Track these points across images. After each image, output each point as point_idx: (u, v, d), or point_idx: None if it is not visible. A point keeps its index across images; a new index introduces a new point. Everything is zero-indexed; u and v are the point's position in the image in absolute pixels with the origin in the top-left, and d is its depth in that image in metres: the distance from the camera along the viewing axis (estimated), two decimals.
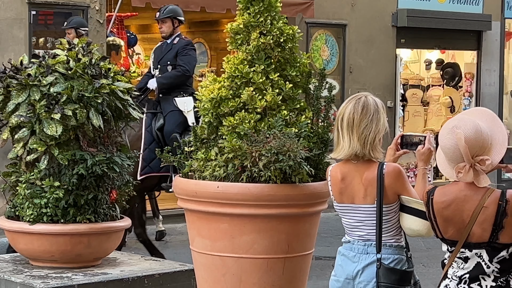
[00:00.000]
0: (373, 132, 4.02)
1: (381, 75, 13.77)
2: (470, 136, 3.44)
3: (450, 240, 3.58)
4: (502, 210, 3.43)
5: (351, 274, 4.08)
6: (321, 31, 13.19)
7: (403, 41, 14.15)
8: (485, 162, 3.45)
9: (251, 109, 5.06)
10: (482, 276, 3.52)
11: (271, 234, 4.97)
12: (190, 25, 15.38)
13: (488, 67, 15.06)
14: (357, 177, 4.07)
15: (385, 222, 4.06)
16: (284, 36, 5.16)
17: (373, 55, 13.67)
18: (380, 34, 13.76)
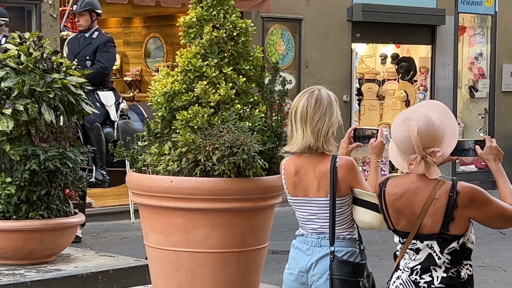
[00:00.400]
0: (326, 125, 4.03)
1: (336, 70, 13.80)
2: (422, 127, 3.47)
3: (402, 232, 3.60)
4: (452, 201, 3.46)
5: (304, 267, 4.09)
6: (277, 26, 13.18)
7: (358, 35, 14.19)
8: (436, 154, 3.48)
9: (205, 103, 5.04)
10: (433, 267, 3.55)
11: (225, 228, 4.97)
12: (145, 19, 15.34)
13: (442, 61, 15.17)
14: (310, 170, 4.08)
15: (338, 215, 4.06)
16: (237, 30, 5.15)
17: (328, 50, 13.70)
18: (335, 29, 13.79)
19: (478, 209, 3.49)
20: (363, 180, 4.10)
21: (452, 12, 15.06)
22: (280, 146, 5.12)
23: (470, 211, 3.48)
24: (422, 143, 3.46)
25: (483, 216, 3.51)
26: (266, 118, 5.20)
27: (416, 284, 3.58)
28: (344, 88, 13.89)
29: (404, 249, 3.61)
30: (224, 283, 5.04)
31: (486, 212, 3.50)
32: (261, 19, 12.82)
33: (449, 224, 3.48)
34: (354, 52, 14.19)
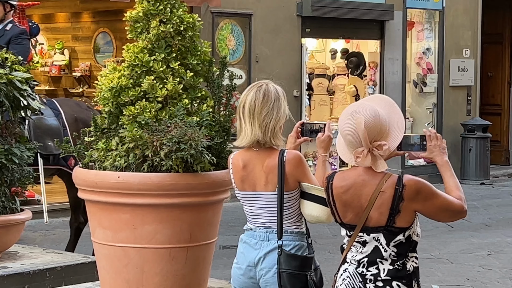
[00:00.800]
0: (274, 120, 4.04)
1: (287, 65, 13.83)
2: (369, 120, 3.49)
3: (349, 225, 3.62)
4: (398, 194, 3.49)
5: (253, 261, 4.09)
6: (226, 21, 13.16)
7: (308, 30, 14.23)
8: (383, 147, 3.51)
9: (152, 98, 5.01)
10: (380, 260, 3.57)
11: (174, 223, 4.94)
12: (94, 14, 15.21)
13: (391, 56, 15.30)
14: (258, 164, 4.08)
15: (286, 209, 4.07)
16: (184, 25, 5.11)
17: (278, 45, 13.72)
18: (285, 24, 13.81)
19: (423, 202, 3.52)
20: (310, 174, 4.11)
21: (401, 7, 15.19)
22: (229, 141, 5.11)
23: (415, 204, 3.51)
24: (369, 136, 3.49)
25: (428, 209, 3.54)
26: (214, 113, 5.18)
27: (362, 276, 3.61)
28: (294, 83, 13.93)
29: (351, 242, 3.63)
30: (173, 278, 5.02)
31: (431, 205, 3.53)
32: (211, 14, 12.80)
33: (395, 216, 3.50)
34: (304, 47, 14.23)
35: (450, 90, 16.10)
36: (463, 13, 16.24)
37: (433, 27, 16.12)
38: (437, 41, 16.04)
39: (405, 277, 3.57)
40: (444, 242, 10.13)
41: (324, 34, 15.27)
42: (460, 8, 16.17)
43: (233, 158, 4.18)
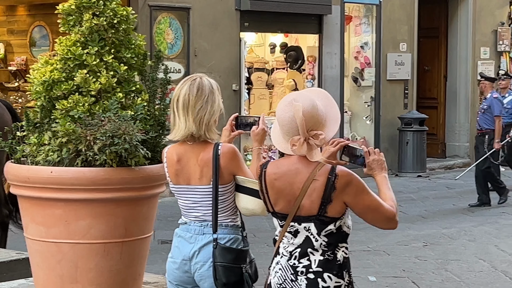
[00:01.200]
0: (208, 113, 4.03)
1: (226, 59, 13.82)
2: (308, 109, 3.53)
3: (281, 214, 3.64)
4: (331, 183, 3.51)
5: (187, 255, 4.09)
6: (164, 14, 13.09)
7: (247, 24, 14.22)
8: (319, 136, 3.54)
9: (85, 92, 4.95)
10: (311, 251, 3.59)
11: (108, 218, 4.90)
12: (30, 8, 14.97)
13: (329, 50, 15.38)
14: (193, 158, 4.07)
15: (221, 203, 4.07)
16: (118, 18, 5.05)
17: (217, 39, 13.70)
18: (224, 18, 13.80)
19: (354, 195, 3.54)
20: (245, 167, 4.11)
21: (338, 1, 15.28)
22: (164, 135, 5.08)
23: (346, 196, 3.54)
24: (306, 124, 3.51)
25: (358, 204, 3.57)
26: (148, 106, 5.15)
27: (294, 269, 3.63)
28: (233, 77, 13.92)
29: (282, 232, 3.65)
30: (108, 274, 4.97)
31: (361, 200, 3.56)
32: (149, 7, 12.73)
33: (327, 206, 3.53)
34: (243, 41, 14.23)
35: (387, 84, 16.27)
36: (399, 8, 16.42)
37: (370, 22, 16.26)
38: (375, 35, 16.18)
39: (335, 267, 3.60)
40: (381, 234, 10.22)
41: (262, 28, 15.29)
42: (396, 3, 16.35)
43: (167, 152, 4.17)
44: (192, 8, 13.35)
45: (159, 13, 12.99)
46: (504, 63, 18.53)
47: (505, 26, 18.55)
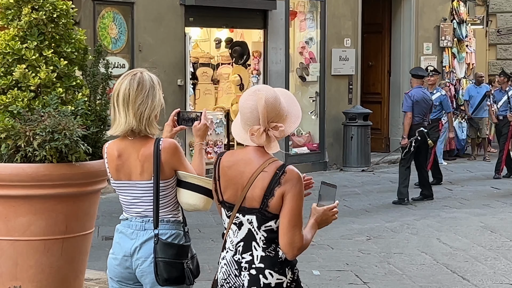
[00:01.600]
0: (149, 108, 4.01)
1: (170, 54, 13.75)
2: (270, 99, 3.54)
3: (228, 204, 3.63)
4: (277, 178, 3.50)
5: (129, 251, 4.06)
6: (108, 9, 12.97)
7: (191, 19, 14.17)
8: (279, 128, 3.55)
9: (25, 87, 4.92)
10: (253, 245, 3.59)
11: (48, 215, 4.87)
12: None
13: (275, 46, 15.40)
14: (133, 153, 4.04)
15: (162, 198, 4.05)
16: (58, 12, 5.03)
17: (162, 34, 13.62)
18: (168, 13, 13.72)
19: (289, 195, 3.51)
20: (187, 162, 4.10)
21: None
22: (105, 130, 5.05)
23: (286, 194, 3.52)
24: (268, 114, 3.52)
25: (286, 205, 3.52)
26: (89, 102, 5.12)
27: (238, 264, 3.62)
28: (179, 72, 13.86)
29: (229, 224, 3.65)
30: (48, 270, 4.95)
31: (290, 204, 3.51)
32: (92, 1, 12.60)
33: (269, 199, 3.51)
34: (188, 36, 14.17)
35: (332, 79, 16.35)
36: (344, 3, 16.51)
37: (315, 17, 16.32)
38: (319, 31, 16.25)
39: (277, 264, 3.58)
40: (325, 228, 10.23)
41: (208, 23, 15.24)
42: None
43: (108, 147, 4.13)
44: (136, 2, 13.26)
45: (102, 7, 12.87)
46: (446, 58, 18.78)
47: (447, 22, 18.77)
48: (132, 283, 4.11)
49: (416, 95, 12.59)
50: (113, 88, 4.08)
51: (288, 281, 3.59)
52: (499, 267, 8.35)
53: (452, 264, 8.45)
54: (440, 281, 7.79)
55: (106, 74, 5.21)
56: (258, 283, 3.57)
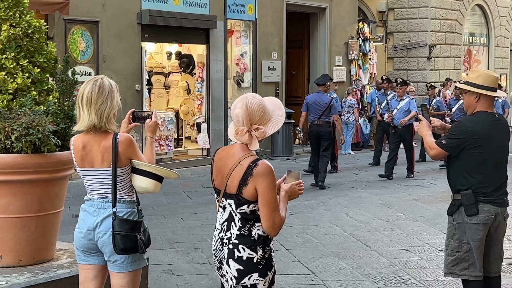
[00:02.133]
0: (108, 108, 3.97)
1: (129, 64, 13.61)
2: (254, 105, 3.54)
3: (217, 189, 3.64)
4: (250, 170, 3.50)
5: (91, 226, 4.02)
6: (77, 27, 12.77)
7: (147, 36, 14.05)
8: (259, 130, 3.55)
9: (4, 91, 4.83)
10: (233, 225, 3.58)
11: (25, 196, 4.78)
12: None
13: (215, 58, 15.36)
14: (95, 145, 4.00)
15: (119, 182, 4.01)
16: (32, 28, 4.94)
17: (122, 47, 13.47)
18: (127, 30, 13.58)
19: (263, 186, 3.48)
20: (140, 153, 4.07)
21: (222, 18, 15.27)
22: (72, 126, 4.98)
23: (258, 184, 3.49)
24: (250, 117, 3.51)
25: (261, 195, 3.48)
26: (59, 103, 5.04)
27: (221, 240, 3.62)
28: (136, 79, 13.74)
29: (218, 207, 3.65)
30: (25, 243, 4.87)
31: (265, 195, 3.48)
32: (64, 21, 12.41)
33: (243, 187, 3.50)
34: (144, 49, 14.05)
35: (262, 85, 16.38)
36: (271, 24, 16.55)
37: (248, 35, 16.32)
38: (252, 46, 16.25)
39: (249, 242, 3.54)
40: None
41: (160, 39, 15.13)
42: (269, 19, 16.47)
43: (74, 140, 4.08)
44: (100, 21, 13.09)
45: (72, 25, 12.67)
46: (353, 69, 18.98)
47: (354, 39, 18.96)
48: (95, 252, 4.07)
49: (310, 99, 12.48)
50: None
51: (258, 258, 3.54)
52: (394, 236, 8.48)
53: (357, 234, 8.55)
54: (348, 248, 7.87)
55: (73, 80, 5.13)
56: (233, 255, 3.55)
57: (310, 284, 6.43)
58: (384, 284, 6.43)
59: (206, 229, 8.68)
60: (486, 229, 4.94)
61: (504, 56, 24.98)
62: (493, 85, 4.98)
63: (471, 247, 4.94)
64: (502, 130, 5.02)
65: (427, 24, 21.16)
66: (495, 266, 5.08)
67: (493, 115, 5.00)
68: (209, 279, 6.52)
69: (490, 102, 4.99)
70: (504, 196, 5.00)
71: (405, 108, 13.61)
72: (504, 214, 5.02)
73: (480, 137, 4.85)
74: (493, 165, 4.91)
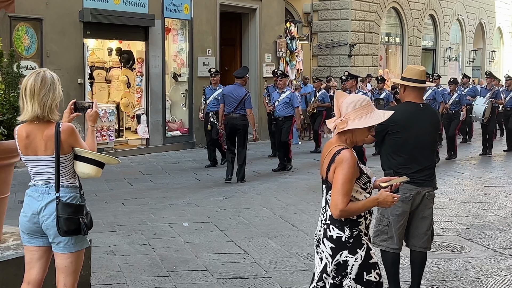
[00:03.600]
0: (50, 99, 3.90)
1: (72, 59, 13.33)
2: (347, 100, 3.64)
3: (321, 176, 3.73)
4: (333, 157, 3.58)
5: (36, 210, 3.95)
6: (22, 24, 12.43)
7: (88, 33, 13.79)
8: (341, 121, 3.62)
9: None
10: (326, 207, 3.68)
11: None
12: None
13: (154, 54, 15.21)
14: (39, 134, 3.92)
15: (62, 169, 3.94)
16: None
17: (65, 43, 13.18)
18: (70, 27, 13.29)
19: (337, 170, 3.53)
20: (81, 141, 4.01)
21: (160, 16, 15.13)
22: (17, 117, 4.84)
23: (336, 170, 3.54)
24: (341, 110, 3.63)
25: (334, 177, 3.55)
26: (5, 94, 4.89)
27: (320, 221, 3.74)
28: (79, 73, 13.48)
29: (322, 191, 3.73)
30: None
31: (337, 176, 3.53)
32: (9, 18, 12.05)
33: (328, 173, 3.60)
34: (86, 45, 13.79)
35: (197, 80, 16.30)
36: (206, 23, 16.47)
37: (185, 33, 16.21)
38: (188, 43, 16.15)
39: (337, 223, 3.62)
40: (192, 191, 10.30)
41: (101, 35, 14.88)
42: (203, 19, 16.39)
43: (18, 129, 3.99)
44: (44, 19, 12.77)
45: (17, 22, 12.32)
46: (281, 65, 19.09)
47: (282, 38, 19.07)
48: (40, 235, 4.00)
49: (226, 90, 11.51)
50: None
51: (346, 237, 3.61)
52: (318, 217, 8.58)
53: (286, 216, 8.62)
54: (277, 228, 7.93)
55: (18, 73, 4.99)
56: (326, 235, 3.64)
57: (243, 261, 6.47)
58: (309, 260, 6.52)
59: (146, 213, 8.62)
60: (406, 207, 5.05)
61: (417, 54, 25.60)
62: (417, 77, 5.04)
63: (390, 221, 5.08)
64: (426, 118, 5.09)
65: (347, 24, 21.46)
66: (417, 241, 5.17)
67: (418, 105, 5.09)
68: (148, 259, 6.48)
69: (416, 93, 5.08)
70: (426, 177, 5.08)
71: (286, 101, 12.64)
72: (427, 193, 5.10)
73: (399, 123, 4.98)
74: (412, 149, 5.02)
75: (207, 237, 7.43)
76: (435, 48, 27.56)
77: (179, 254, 6.67)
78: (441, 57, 27.79)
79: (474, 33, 31.02)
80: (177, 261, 6.41)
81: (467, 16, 29.93)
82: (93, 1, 13.63)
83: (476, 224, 8.23)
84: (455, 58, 29.10)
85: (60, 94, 3.96)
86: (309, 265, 6.29)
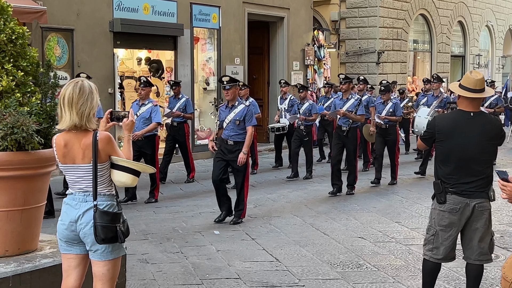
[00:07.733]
0: (88, 108, 3.94)
1: (103, 69, 13.49)
2: None
3: None
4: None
5: (74, 218, 3.98)
6: (53, 34, 12.62)
7: (118, 43, 13.95)
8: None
9: None
10: None
11: (10, 191, 4.71)
12: None
13: (183, 63, 15.32)
14: (76, 143, 3.96)
15: (99, 177, 3.98)
16: (16, 34, 4.87)
17: (96, 53, 13.35)
18: (100, 37, 13.46)
19: None
20: (118, 149, 4.05)
21: (189, 26, 15.24)
22: (54, 126, 4.93)
23: None
24: None
25: None
26: (41, 104, 4.98)
27: None
28: (109, 83, 13.63)
29: None
30: (11, 235, 4.80)
31: None
32: (41, 29, 12.25)
33: None
34: (116, 55, 13.95)
35: None
36: (234, 32, 16.55)
37: (213, 42, 16.30)
38: (216, 52, 16.24)
39: None
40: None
41: (131, 45, 15.02)
42: (232, 28, 16.47)
43: (56, 138, 4.04)
44: (75, 29, 12.95)
45: (48, 33, 12.52)
46: (309, 73, 19.09)
47: (310, 46, 19.08)
48: (77, 243, 4.04)
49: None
50: (60, 93, 3.99)
51: None
52: (349, 225, 8.57)
53: (316, 224, 8.61)
54: (308, 236, 7.92)
55: (54, 83, 5.08)
56: None
57: (275, 269, 6.47)
58: (342, 269, 6.49)
59: (177, 221, 8.66)
60: (453, 218, 4.92)
61: (445, 61, 25.40)
62: (471, 86, 4.83)
63: (437, 231, 4.99)
64: (475, 127, 4.86)
65: (375, 32, 21.39)
66: (470, 253, 5.02)
67: (468, 113, 4.86)
68: (181, 267, 6.51)
69: (469, 101, 4.86)
70: (476, 189, 4.88)
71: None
72: (477, 204, 4.90)
73: (443, 132, 4.89)
74: (459, 159, 4.85)
75: (239, 245, 7.44)
76: (464, 55, 27.33)
77: (211, 262, 6.69)
78: (470, 63, 27.55)
79: (503, 40, 30.71)
80: (209, 269, 6.43)
81: (496, 22, 29.65)
82: (123, 11, 13.80)
83: (510, 232, 8.13)
84: (484, 64, 28.82)
85: (97, 104, 4.02)
86: (341, 274, 6.27)
